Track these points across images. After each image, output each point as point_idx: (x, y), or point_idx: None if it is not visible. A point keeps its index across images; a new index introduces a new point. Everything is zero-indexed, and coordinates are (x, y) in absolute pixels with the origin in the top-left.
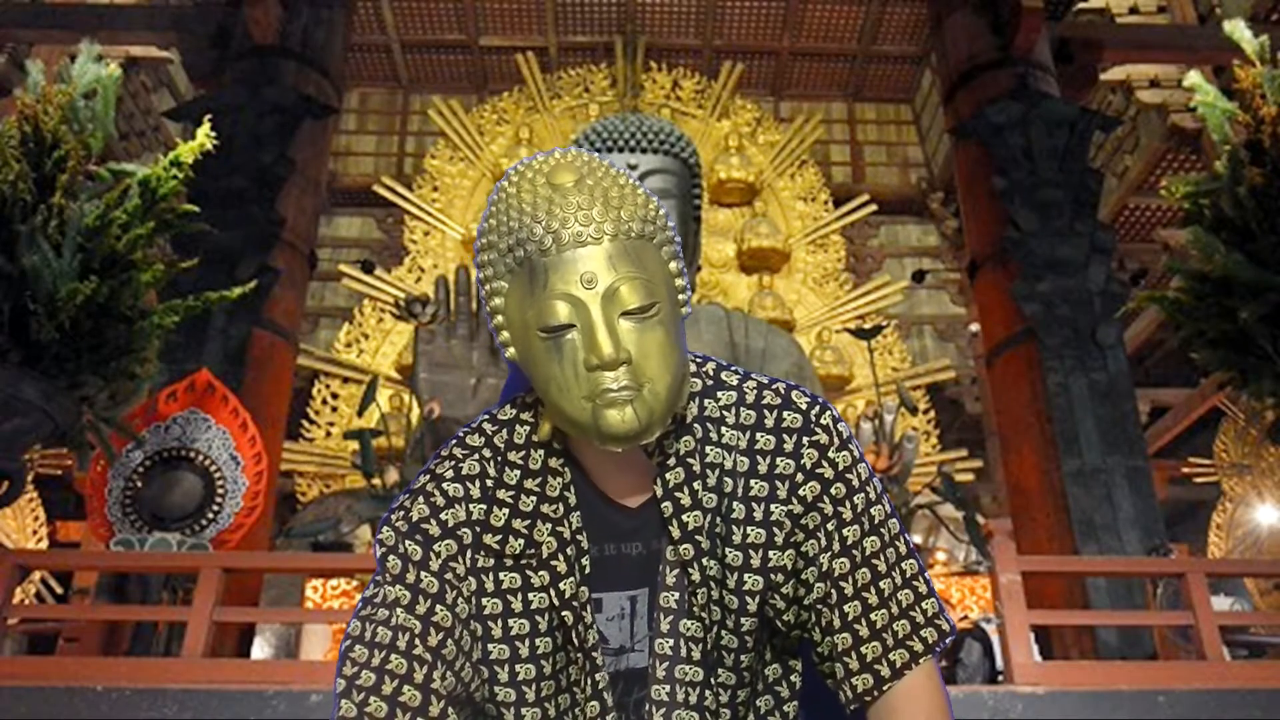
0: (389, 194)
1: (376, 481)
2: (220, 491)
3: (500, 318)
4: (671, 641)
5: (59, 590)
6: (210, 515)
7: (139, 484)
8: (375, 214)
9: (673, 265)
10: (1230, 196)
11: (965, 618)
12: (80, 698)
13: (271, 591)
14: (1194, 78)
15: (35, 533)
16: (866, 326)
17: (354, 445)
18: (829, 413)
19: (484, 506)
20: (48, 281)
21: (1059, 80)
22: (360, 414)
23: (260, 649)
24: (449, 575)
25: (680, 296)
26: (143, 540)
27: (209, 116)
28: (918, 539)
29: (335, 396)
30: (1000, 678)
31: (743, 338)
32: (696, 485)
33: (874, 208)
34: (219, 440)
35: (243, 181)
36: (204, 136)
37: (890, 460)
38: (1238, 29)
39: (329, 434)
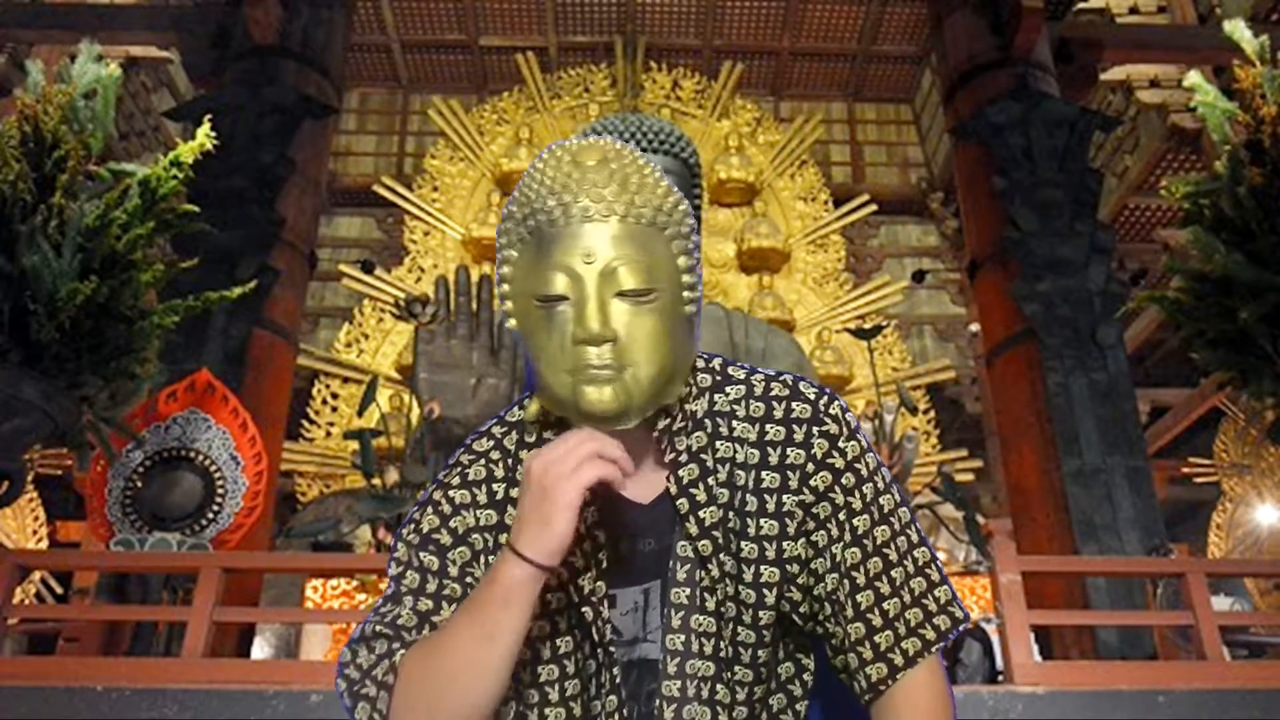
0: (389, 194)
1: (376, 481)
2: (220, 491)
3: (506, 286)
4: (683, 637)
5: (59, 590)
6: (210, 515)
7: (139, 484)
8: (375, 214)
9: (681, 260)
10: (1230, 196)
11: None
12: (80, 698)
13: (271, 591)
14: (1194, 78)
15: (35, 533)
16: (866, 326)
17: (354, 445)
18: (836, 402)
19: (492, 511)
20: (48, 281)
21: (1059, 80)
22: (360, 414)
23: (260, 649)
24: (469, 579)
25: (687, 293)
26: (143, 540)
27: (209, 116)
28: None
29: (335, 396)
30: (1000, 678)
31: (742, 338)
32: (711, 481)
33: (874, 208)
34: (219, 440)
35: (243, 181)
36: (204, 136)
37: (890, 460)
38: (1238, 29)
39: (329, 434)
